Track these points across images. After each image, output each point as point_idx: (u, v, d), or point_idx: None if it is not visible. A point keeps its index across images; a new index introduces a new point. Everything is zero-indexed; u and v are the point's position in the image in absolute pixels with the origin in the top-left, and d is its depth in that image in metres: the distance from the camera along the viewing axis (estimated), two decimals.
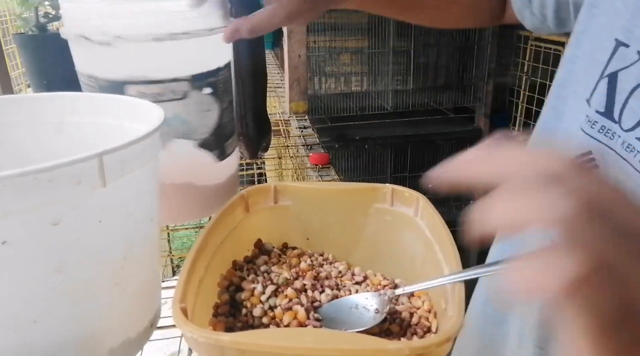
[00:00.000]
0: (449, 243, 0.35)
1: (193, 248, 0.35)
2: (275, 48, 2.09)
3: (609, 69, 0.36)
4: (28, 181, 0.26)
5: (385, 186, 0.43)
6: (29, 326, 0.30)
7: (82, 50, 0.45)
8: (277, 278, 0.40)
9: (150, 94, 0.44)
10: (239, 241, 0.43)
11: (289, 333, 0.32)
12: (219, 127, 0.49)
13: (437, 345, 0.26)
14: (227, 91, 0.50)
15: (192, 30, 0.43)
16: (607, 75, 0.36)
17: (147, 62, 0.44)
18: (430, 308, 0.38)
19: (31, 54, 0.97)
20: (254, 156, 0.80)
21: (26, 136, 0.43)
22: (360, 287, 0.41)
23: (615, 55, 0.36)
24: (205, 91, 0.46)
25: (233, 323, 0.37)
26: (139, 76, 0.44)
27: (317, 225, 0.45)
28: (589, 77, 0.38)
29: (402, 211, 0.43)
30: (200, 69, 0.45)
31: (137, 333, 0.37)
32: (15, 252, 0.27)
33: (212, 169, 0.50)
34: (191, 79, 0.45)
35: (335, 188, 0.45)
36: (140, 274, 0.36)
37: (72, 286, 0.31)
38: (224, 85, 0.49)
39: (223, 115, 0.49)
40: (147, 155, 0.34)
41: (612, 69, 0.36)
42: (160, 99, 0.44)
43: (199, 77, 0.45)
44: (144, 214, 0.36)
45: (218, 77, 0.47)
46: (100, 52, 0.43)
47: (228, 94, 0.51)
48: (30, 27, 0.98)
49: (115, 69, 0.44)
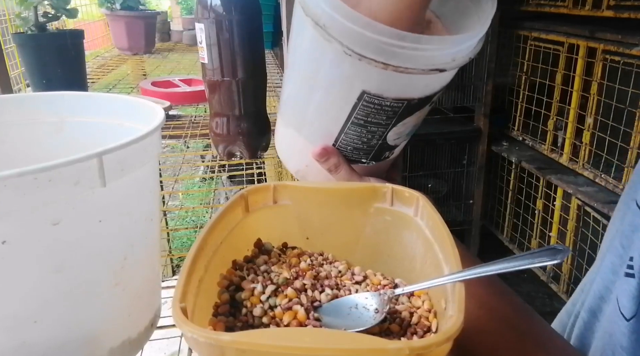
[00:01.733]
0: (449, 243, 0.35)
1: (193, 247, 0.35)
2: (274, 48, 2.08)
3: None
4: (28, 181, 0.26)
5: (385, 186, 0.43)
6: (29, 326, 0.30)
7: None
8: (277, 277, 0.40)
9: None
10: (238, 241, 0.43)
11: (289, 333, 0.32)
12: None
13: (437, 345, 0.26)
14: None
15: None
16: None
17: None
18: (431, 307, 0.38)
19: (30, 54, 0.97)
20: (254, 155, 0.80)
21: (26, 136, 0.43)
22: (360, 287, 0.41)
23: None
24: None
25: (233, 323, 0.37)
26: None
27: (317, 225, 0.45)
28: None
29: (402, 211, 0.43)
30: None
31: (137, 332, 0.37)
32: (15, 252, 0.27)
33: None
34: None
35: (335, 187, 0.45)
36: (140, 274, 0.36)
37: (72, 286, 0.31)
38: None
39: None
40: (147, 155, 0.34)
41: None
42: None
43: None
44: (144, 214, 0.36)
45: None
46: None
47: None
48: (30, 27, 0.98)
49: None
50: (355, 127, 0.48)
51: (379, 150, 0.52)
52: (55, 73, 0.96)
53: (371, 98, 0.45)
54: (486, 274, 0.32)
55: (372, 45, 0.41)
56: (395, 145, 0.52)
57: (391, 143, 0.51)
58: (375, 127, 0.48)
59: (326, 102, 0.48)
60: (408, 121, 0.49)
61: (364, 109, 0.46)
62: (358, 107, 0.46)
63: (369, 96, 0.45)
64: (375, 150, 0.52)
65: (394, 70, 0.41)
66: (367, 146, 0.51)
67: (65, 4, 1.01)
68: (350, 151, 0.51)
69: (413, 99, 0.46)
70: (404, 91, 0.45)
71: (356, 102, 0.46)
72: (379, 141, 0.50)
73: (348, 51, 0.41)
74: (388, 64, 0.41)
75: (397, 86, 0.44)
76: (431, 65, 0.42)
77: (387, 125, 0.48)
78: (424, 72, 0.42)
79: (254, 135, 0.78)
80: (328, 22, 0.41)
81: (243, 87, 0.73)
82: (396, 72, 0.42)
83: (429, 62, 0.42)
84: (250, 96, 0.75)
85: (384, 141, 0.50)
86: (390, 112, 0.47)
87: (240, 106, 0.75)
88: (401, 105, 0.46)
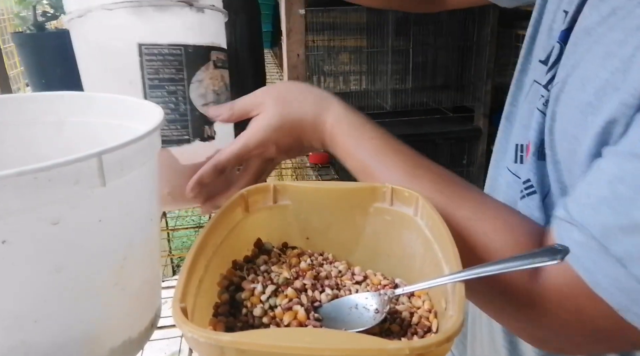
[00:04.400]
0: (449, 243, 0.35)
1: (193, 247, 0.35)
2: (274, 47, 2.08)
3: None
4: (28, 181, 0.26)
5: (385, 186, 0.43)
6: (29, 326, 0.30)
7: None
8: (277, 277, 0.40)
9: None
10: (238, 241, 0.43)
11: (289, 333, 0.32)
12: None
13: (437, 345, 0.26)
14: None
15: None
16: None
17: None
18: (431, 307, 0.38)
19: (29, 53, 0.97)
20: None
21: (25, 136, 0.43)
22: (360, 287, 0.41)
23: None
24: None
25: (233, 323, 0.37)
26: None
27: (317, 225, 0.45)
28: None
29: (401, 211, 0.43)
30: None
31: (137, 332, 0.37)
32: (15, 252, 0.27)
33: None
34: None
35: (334, 187, 0.45)
36: (140, 274, 0.36)
37: (72, 286, 0.31)
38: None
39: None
40: (146, 154, 0.34)
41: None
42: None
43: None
44: (144, 213, 0.36)
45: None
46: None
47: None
48: (29, 26, 0.98)
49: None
50: (155, 91, 0.50)
51: (194, 121, 0.53)
52: (55, 73, 0.96)
53: (149, 49, 0.49)
54: (486, 274, 0.32)
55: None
56: (208, 117, 0.53)
57: (201, 110, 0.53)
58: (173, 86, 0.51)
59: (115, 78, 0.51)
60: (203, 78, 0.52)
61: (149, 64, 0.49)
62: (144, 64, 0.49)
63: (147, 47, 0.49)
64: (190, 120, 0.52)
65: (149, 4, 0.47)
66: (178, 115, 0.52)
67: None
68: (166, 126, 0.52)
69: (188, 46, 0.50)
70: (173, 34, 0.50)
71: (140, 59, 0.49)
72: (185, 104, 0.52)
73: (110, 5, 0.46)
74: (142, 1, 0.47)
75: (164, 28, 0.49)
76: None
77: (182, 80, 0.51)
78: (173, 4, 0.49)
79: None
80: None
81: (243, 87, 0.73)
82: (151, 7, 0.48)
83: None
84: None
85: (192, 105, 0.52)
86: (175, 62, 0.50)
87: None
88: (180, 52, 0.50)
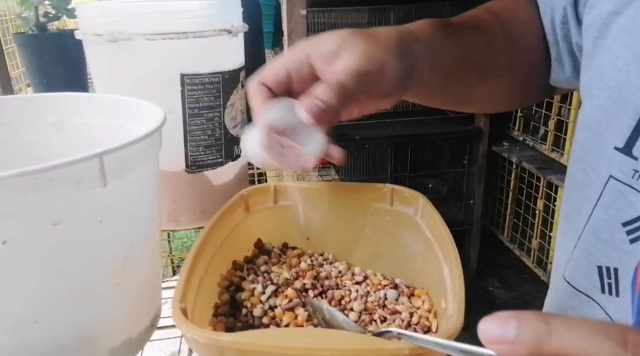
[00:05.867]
0: (449, 243, 0.35)
1: (193, 248, 0.35)
2: (275, 48, 2.08)
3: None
4: (28, 181, 0.26)
5: (385, 186, 0.43)
6: (29, 326, 0.30)
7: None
8: (277, 278, 0.40)
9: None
10: (239, 241, 0.43)
11: (289, 333, 0.32)
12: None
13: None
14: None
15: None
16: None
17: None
18: (431, 307, 0.38)
19: (31, 54, 0.97)
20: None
21: (27, 136, 0.43)
22: (360, 287, 0.41)
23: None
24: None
25: (233, 323, 0.37)
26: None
27: (317, 225, 0.45)
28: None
29: (402, 211, 0.43)
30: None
31: (137, 333, 0.37)
32: (15, 252, 0.27)
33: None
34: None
35: (335, 187, 0.45)
36: (141, 274, 0.36)
37: (72, 286, 0.31)
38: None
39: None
40: (147, 155, 0.34)
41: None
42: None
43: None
44: (144, 214, 0.36)
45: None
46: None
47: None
48: (30, 27, 0.98)
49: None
50: (195, 119, 0.52)
51: (227, 143, 0.55)
52: (56, 73, 0.96)
53: (191, 78, 0.50)
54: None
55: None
56: (237, 136, 0.56)
57: (232, 132, 0.55)
58: (211, 113, 0.52)
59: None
60: (234, 101, 0.54)
61: (190, 94, 0.51)
62: (185, 94, 0.51)
63: (189, 77, 0.50)
64: (223, 144, 0.55)
65: (194, 36, 0.49)
66: (214, 140, 0.54)
67: (65, 4, 1.01)
68: (203, 152, 0.54)
69: (225, 72, 0.53)
70: (213, 62, 0.52)
71: (181, 90, 0.50)
72: (221, 130, 0.54)
73: (151, 37, 0.47)
74: (187, 32, 0.48)
75: (205, 57, 0.51)
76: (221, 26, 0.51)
77: (218, 106, 0.53)
78: (216, 33, 0.51)
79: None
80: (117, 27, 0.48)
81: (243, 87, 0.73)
82: (196, 39, 0.49)
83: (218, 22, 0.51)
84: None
85: (225, 129, 0.54)
86: (213, 89, 0.52)
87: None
88: (218, 79, 0.52)
